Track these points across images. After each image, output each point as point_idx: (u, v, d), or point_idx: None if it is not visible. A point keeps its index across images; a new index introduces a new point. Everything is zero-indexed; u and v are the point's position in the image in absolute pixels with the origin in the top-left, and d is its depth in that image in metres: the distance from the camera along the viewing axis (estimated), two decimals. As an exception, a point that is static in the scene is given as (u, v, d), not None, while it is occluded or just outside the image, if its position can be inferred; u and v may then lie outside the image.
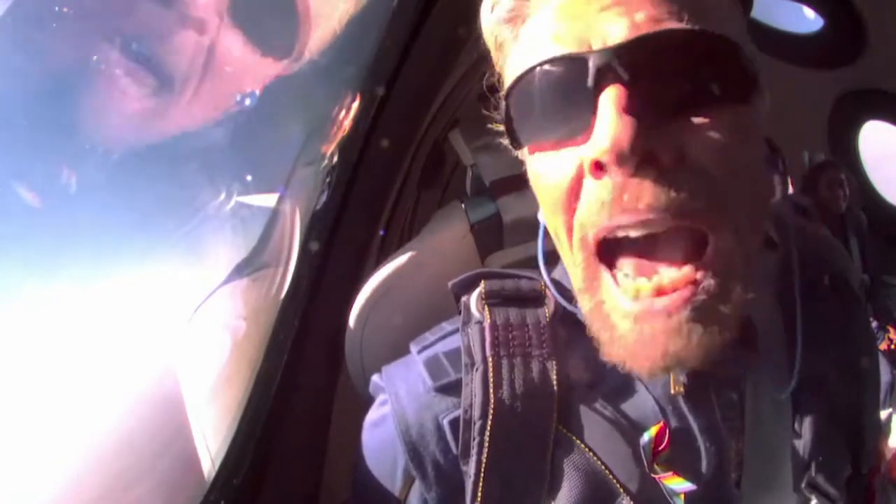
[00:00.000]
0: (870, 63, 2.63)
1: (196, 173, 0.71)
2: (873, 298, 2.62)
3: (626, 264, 0.46)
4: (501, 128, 0.52)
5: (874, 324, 2.55)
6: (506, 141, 0.52)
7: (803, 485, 0.53)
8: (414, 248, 0.77)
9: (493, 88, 0.55)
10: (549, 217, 0.49)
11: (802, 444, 0.54)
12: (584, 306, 0.49)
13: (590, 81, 0.42)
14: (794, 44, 2.90)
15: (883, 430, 0.63)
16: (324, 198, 0.83)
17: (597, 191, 0.43)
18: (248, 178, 0.74)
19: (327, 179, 0.85)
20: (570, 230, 0.47)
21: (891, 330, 2.63)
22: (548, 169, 0.47)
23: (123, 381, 0.62)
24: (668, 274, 0.44)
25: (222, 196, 0.72)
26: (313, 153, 0.86)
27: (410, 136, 1.06)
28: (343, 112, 0.86)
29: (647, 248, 0.45)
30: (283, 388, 0.70)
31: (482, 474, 0.52)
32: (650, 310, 0.43)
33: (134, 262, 0.64)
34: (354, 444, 0.61)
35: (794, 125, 3.25)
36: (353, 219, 0.86)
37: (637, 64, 0.42)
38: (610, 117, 0.41)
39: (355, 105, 0.87)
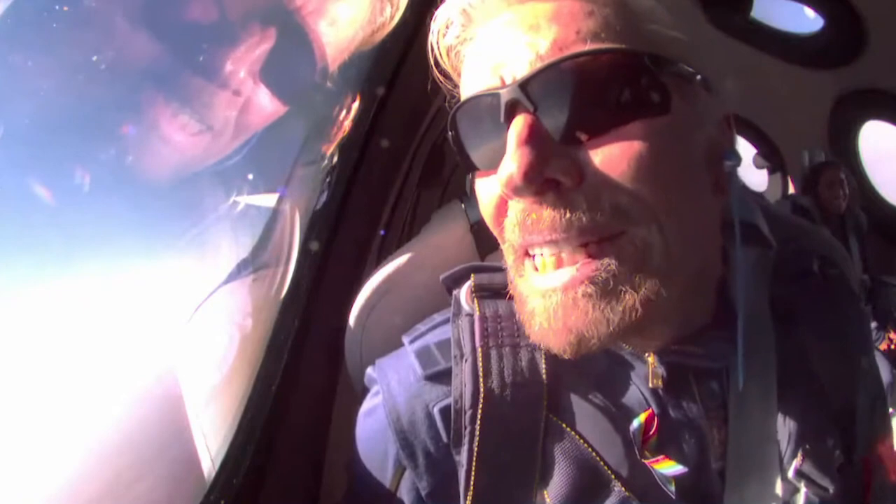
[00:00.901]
0: (870, 63, 2.63)
1: (209, 176, 0.74)
2: (873, 299, 2.61)
3: (546, 250, 0.47)
4: None
5: (874, 324, 2.54)
6: None
7: (791, 473, 0.53)
8: (414, 248, 0.77)
9: None
10: (490, 227, 0.53)
11: (791, 432, 0.54)
12: (514, 295, 0.51)
13: (501, 117, 0.45)
14: (794, 44, 2.90)
15: (883, 430, 0.62)
16: (324, 198, 0.84)
17: (513, 212, 0.47)
18: (258, 179, 0.77)
19: (327, 179, 0.85)
20: (503, 239, 0.51)
21: (891, 330, 2.62)
22: (481, 191, 0.51)
23: (125, 380, 0.62)
24: (572, 251, 0.45)
25: (233, 197, 0.75)
26: (313, 153, 0.86)
27: (410, 137, 1.06)
28: (343, 112, 0.86)
29: None
30: (283, 388, 0.70)
31: (474, 463, 0.52)
32: (552, 285, 0.45)
33: (141, 262, 0.64)
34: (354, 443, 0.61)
35: (794, 125, 3.26)
36: (353, 219, 0.86)
37: (543, 94, 0.44)
38: (509, 152, 0.44)
39: (355, 105, 0.87)
